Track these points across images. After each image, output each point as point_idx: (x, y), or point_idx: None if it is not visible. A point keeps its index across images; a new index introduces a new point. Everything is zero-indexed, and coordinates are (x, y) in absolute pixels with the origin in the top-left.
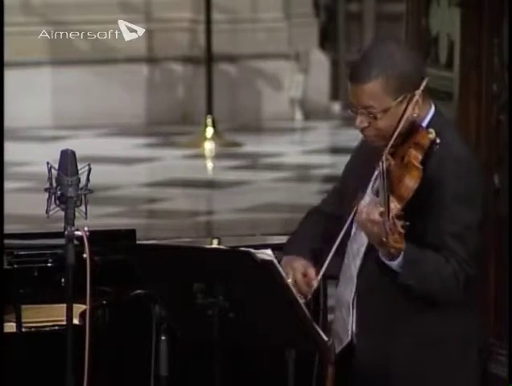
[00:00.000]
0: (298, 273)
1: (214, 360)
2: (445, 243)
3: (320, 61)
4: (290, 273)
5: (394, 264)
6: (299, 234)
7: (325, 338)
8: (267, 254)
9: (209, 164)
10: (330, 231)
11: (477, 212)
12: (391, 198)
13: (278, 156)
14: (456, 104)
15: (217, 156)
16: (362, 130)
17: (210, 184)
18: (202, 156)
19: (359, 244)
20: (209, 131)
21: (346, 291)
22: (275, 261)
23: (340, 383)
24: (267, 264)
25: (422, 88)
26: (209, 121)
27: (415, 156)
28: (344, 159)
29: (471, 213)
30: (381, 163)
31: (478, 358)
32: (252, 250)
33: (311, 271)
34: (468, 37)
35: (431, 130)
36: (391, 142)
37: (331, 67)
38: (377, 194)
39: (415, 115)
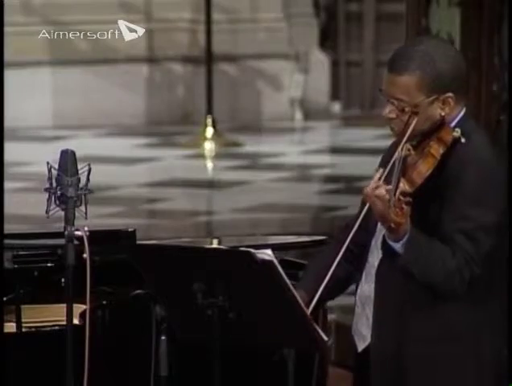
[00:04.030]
0: None
1: (214, 360)
2: (454, 238)
3: (320, 61)
4: None
5: (398, 245)
6: (312, 264)
7: (325, 338)
8: (267, 254)
9: (209, 164)
10: (360, 241)
11: (495, 215)
12: (402, 179)
13: (278, 156)
14: None
15: (217, 156)
16: (389, 121)
17: (210, 184)
18: (202, 156)
19: (377, 239)
20: (209, 131)
21: (371, 289)
22: (275, 261)
23: (361, 379)
24: (267, 264)
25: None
26: (209, 121)
27: (436, 148)
28: (344, 159)
29: (487, 215)
30: (398, 151)
31: (495, 359)
32: (252, 250)
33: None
34: (468, 37)
35: (457, 130)
36: (409, 130)
37: (331, 67)
38: (389, 175)
39: (443, 114)
